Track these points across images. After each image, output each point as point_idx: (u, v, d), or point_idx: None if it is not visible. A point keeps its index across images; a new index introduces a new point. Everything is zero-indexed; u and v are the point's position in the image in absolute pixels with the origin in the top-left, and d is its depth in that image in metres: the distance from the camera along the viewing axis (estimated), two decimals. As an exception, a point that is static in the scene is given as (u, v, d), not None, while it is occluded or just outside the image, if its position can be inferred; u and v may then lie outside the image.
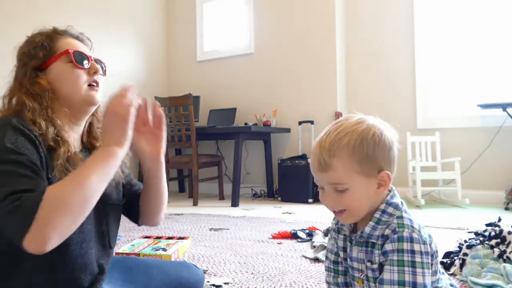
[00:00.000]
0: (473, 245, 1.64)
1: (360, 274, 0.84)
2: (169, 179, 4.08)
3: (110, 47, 4.30)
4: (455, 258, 1.70)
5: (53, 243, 0.74)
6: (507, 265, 1.45)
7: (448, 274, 1.66)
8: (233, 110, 4.43)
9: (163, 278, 1.11)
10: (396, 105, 3.97)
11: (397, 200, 0.83)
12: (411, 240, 0.76)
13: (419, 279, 0.73)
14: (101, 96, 0.99)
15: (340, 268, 0.92)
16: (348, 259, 0.86)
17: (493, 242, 1.61)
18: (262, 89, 4.50)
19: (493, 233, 1.66)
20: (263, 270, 1.78)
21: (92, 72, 0.97)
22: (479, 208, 3.27)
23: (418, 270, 0.74)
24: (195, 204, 3.79)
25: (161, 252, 1.93)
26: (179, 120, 3.78)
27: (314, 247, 2.06)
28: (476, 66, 3.70)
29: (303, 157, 3.93)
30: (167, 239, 2.19)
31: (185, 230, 2.66)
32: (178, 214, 3.25)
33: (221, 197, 4.14)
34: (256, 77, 4.56)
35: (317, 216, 3.09)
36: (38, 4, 3.60)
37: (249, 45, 4.62)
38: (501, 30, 3.60)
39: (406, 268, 0.74)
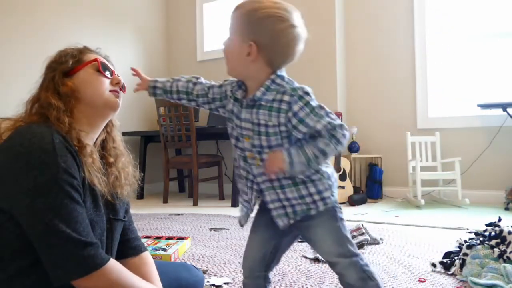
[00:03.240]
0: (473, 245, 1.64)
1: (247, 131, 1.00)
2: (169, 179, 4.08)
3: (110, 47, 4.29)
4: (455, 258, 1.70)
5: None
6: (507, 265, 1.45)
7: (448, 274, 1.66)
8: (233, 110, 4.42)
9: (162, 279, 1.11)
10: (396, 105, 3.97)
11: (284, 74, 1.01)
12: (307, 93, 0.96)
13: (330, 113, 0.95)
14: (120, 103, 1.06)
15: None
16: (237, 120, 1.02)
17: (493, 242, 1.61)
18: (262, 89, 4.49)
19: (493, 233, 1.66)
20: (263, 270, 1.78)
21: (114, 82, 1.06)
22: (479, 208, 3.27)
23: (325, 109, 0.95)
24: (195, 204, 3.79)
25: (161, 252, 1.93)
26: (179, 120, 3.78)
27: (314, 247, 2.06)
28: (476, 66, 3.70)
29: (303, 157, 3.92)
30: (167, 239, 2.19)
31: (185, 230, 2.65)
32: (178, 214, 3.25)
33: (221, 197, 4.14)
34: (256, 77, 4.55)
35: (317, 216, 3.08)
36: (38, 3, 3.60)
37: (249, 45, 4.61)
38: (501, 30, 3.60)
39: (321, 112, 0.94)
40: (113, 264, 0.88)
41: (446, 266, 1.69)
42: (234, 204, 3.67)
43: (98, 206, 0.95)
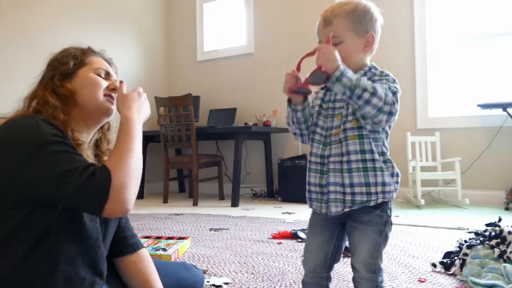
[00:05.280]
0: (473, 245, 1.64)
1: (340, 110, 1.07)
2: (169, 179, 4.08)
3: (110, 47, 4.28)
4: (455, 258, 1.70)
5: (132, 203, 0.87)
6: (508, 265, 1.45)
7: (448, 274, 1.66)
8: (233, 110, 4.43)
9: (162, 279, 1.11)
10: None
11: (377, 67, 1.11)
12: (394, 80, 1.06)
13: (388, 96, 0.98)
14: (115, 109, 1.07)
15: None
16: (331, 104, 1.10)
17: (493, 242, 1.61)
18: (262, 89, 4.50)
19: (493, 233, 1.66)
20: (263, 270, 1.78)
21: (111, 87, 1.05)
22: (479, 208, 3.27)
23: (392, 94, 0.99)
24: (195, 204, 3.79)
25: (161, 252, 1.93)
26: (179, 120, 3.78)
27: (314, 247, 2.06)
28: (476, 66, 3.70)
29: (303, 157, 3.93)
30: (167, 239, 2.19)
31: (185, 230, 2.65)
32: (178, 214, 3.25)
33: (221, 197, 4.14)
34: (256, 77, 4.56)
35: (317, 216, 3.08)
36: (38, 3, 3.60)
37: (249, 45, 4.62)
38: (500, 30, 3.60)
39: (389, 92, 0.99)
40: (111, 167, 0.86)
41: (446, 266, 1.69)
42: (234, 204, 3.67)
43: None
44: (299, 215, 3.13)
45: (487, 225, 1.77)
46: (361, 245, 1.03)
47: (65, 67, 1.01)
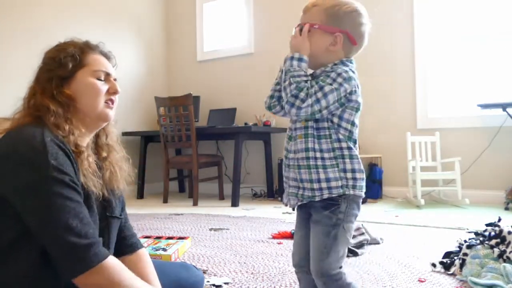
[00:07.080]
0: (473, 245, 1.64)
1: None
2: (169, 179, 4.08)
3: (109, 47, 4.28)
4: (455, 258, 1.70)
5: None
6: (507, 265, 1.46)
7: (448, 274, 1.66)
8: (233, 110, 4.43)
9: (161, 279, 1.11)
10: (396, 106, 3.97)
11: (351, 63, 1.08)
12: (339, 73, 1.01)
13: (329, 91, 0.98)
14: (114, 112, 1.05)
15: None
16: None
17: (493, 242, 1.61)
18: (262, 89, 4.49)
19: (493, 233, 1.66)
20: (263, 270, 1.78)
21: (111, 91, 1.03)
22: (479, 208, 3.27)
23: (335, 85, 0.99)
24: (195, 204, 3.79)
25: (161, 252, 1.93)
26: (179, 120, 3.78)
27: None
28: (476, 66, 3.70)
29: (303, 157, 3.92)
30: (167, 239, 2.19)
31: (185, 230, 2.65)
32: (178, 214, 3.25)
33: (221, 197, 4.14)
34: (256, 77, 4.56)
35: (317, 216, 3.08)
36: (37, 2, 3.60)
37: (249, 45, 4.62)
38: (501, 29, 3.60)
39: (326, 84, 0.99)
40: (112, 260, 0.88)
41: (446, 266, 1.69)
42: (234, 204, 3.67)
43: (91, 207, 0.95)
44: (299, 215, 3.12)
45: (487, 225, 1.77)
46: (312, 245, 1.05)
47: (63, 71, 0.97)
